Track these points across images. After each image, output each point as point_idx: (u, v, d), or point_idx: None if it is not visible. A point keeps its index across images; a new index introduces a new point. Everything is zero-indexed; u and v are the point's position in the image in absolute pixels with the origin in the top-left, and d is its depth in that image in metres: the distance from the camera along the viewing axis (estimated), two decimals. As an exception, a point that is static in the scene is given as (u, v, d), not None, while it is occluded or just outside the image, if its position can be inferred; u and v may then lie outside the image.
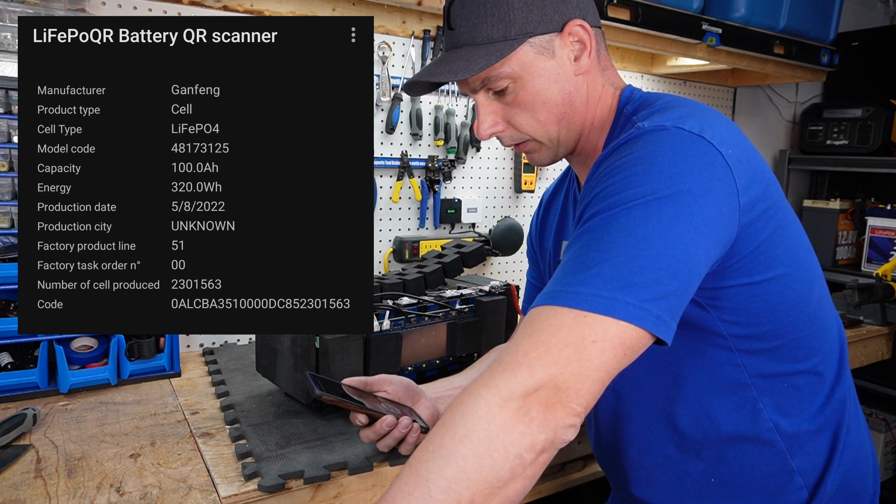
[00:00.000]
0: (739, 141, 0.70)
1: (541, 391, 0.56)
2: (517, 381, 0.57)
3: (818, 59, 2.12)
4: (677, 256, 0.61)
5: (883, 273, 1.97)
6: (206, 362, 1.35)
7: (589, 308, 0.58)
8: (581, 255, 0.63)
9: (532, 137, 0.83)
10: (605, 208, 0.65)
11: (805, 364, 0.77)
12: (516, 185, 1.93)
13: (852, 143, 2.48)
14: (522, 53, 0.77)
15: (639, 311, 0.59)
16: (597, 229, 0.64)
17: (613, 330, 0.58)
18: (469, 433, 0.56)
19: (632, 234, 0.61)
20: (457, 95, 1.77)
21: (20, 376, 1.12)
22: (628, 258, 0.60)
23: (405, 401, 0.93)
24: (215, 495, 0.84)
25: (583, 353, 0.57)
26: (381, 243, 1.73)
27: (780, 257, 0.73)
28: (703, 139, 0.66)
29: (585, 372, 0.57)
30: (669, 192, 0.63)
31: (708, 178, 0.65)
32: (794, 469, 0.77)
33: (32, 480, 0.86)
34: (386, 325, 1.10)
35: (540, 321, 0.60)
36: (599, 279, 0.60)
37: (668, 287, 0.60)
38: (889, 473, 2.31)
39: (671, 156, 0.65)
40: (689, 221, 0.62)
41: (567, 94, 0.80)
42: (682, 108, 0.73)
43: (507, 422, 0.56)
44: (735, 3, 1.82)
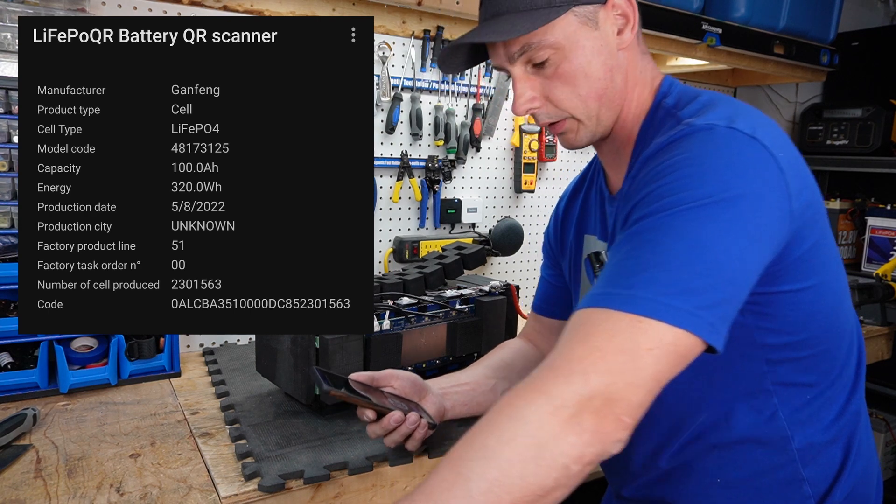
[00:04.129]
0: (788, 144, 0.69)
1: (594, 400, 0.54)
2: (571, 389, 0.55)
3: (818, 59, 2.12)
4: (732, 263, 0.60)
5: (883, 273, 1.97)
6: (206, 362, 1.35)
7: (644, 313, 0.56)
8: (633, 257, 0.61)
9: (571, 115, 0.79)
10: (657, 210, 0.62)
11: (828, 376, 0.76)
12: (516, 185, 1.93)
13: (852, 143, 2.47)
14: (566, 22, 0.74)
15: (694, 319, 0.57)
16: (650, 231, 0.62)
17: (669, 337, 0.56)
18: (516, 437, 0.54)
19: (687, 239, 0.59)
20: (457, 95, 1.77)
21: (20, 376, 1.12)
22: (683, 263, 0.58)
23: (412, 396, 0.92)
24: (215, 495, 0.84)
25: (638, 362, 0.56)
26: (381, 243, 1.73)
27: (820, 266, 0.72)
28: (756, 141, 0.65)
29: (639, 381, 0.56)
30: (725, 196, 0.61)
31: (762, 182, 0.63)
32: (804, 478, 0.75)
33: (32, 480, 0.86)
34: (386, 325, 1.10)
35: (593, 324, 0.58)
36: (654, 283, 0.58)
37: (722, 294, 0.59)
38: (889, 473, 2.31)
39: (725, 158, 0.64)
40: (743, 227, 0.61)
41: (609, 68, 0.76)
42: (730, 106, 0.71)
43: (558, 431, 0.54)
44: (735, 3, 1.82)
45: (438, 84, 1.74)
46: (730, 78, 2.45)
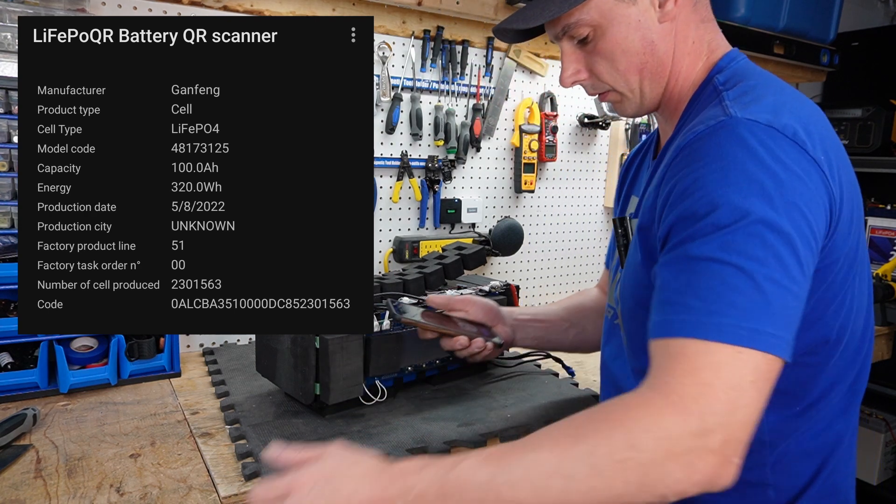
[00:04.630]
0: (831, 141, 0.68)
1: (710, 440, 0.54)
2: (688, 430, 0.54)
3: (818, 59, 2.12)
4: (789, 277, 0.59)
5: (883, 273, 1.97)
6: (206, 362, 1.35)
7: (742, 343, 0.56)
8: (710, 276, 0.59)
9: (613, 88, 0.80)
10: (713, 225, 0.61)
11: (817, 392, 0.74)
12: (516, 185, 1.93)
13: (852, 143, 2.47)
14: (601, 0, 0.75)
15: (778, 341, 0.57)
16: (713, 245, 0.60)
17: (764, 365, 0.57)
18: (626, 461, 0.54)
19: (759, 259, 0.58)
20: (457, 95, 1.77)
21: (20, 376, 1.12)
22: (749, 288, 0.58)
23: (485, 321, 1.02)
24: (215, 495, 0.84)
25: (744, 397, 0.56)
26: (381, 243, 1.73)
27: (857, 270, 0.72)
28: (797, 144, 0.63)
29: (747, 418, 0.56)
30: (779, 210, 0.60)
31: (807, 188, 0.62)
32: (769, 483, 0.74)
33: (32, 480, 0.86)
34: (386, 325, 1.10)
35: (696, 358, 0.57)
36: (736, 310, 0.57)
37: (792, 310, 0.59)
38: (889, 473, 2.31)
39: (770, 162, 0.62)
40: (800, 239, 0.60)
41: (649, 42, 0.76)
42: (780, 94, 0.69)
43: (669, 466, 0.54)
44: (735, 3, 1.82)
45: (438, 84, 1.74)
46: (730, 78, 2.45)
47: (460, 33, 1.73)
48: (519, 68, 1.87)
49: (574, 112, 2.03)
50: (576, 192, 2.09)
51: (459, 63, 1.74)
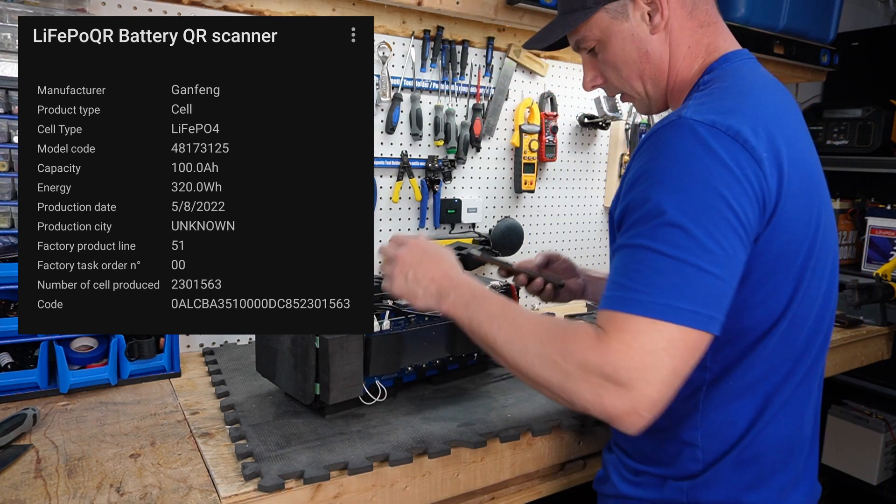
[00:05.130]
0: (780, 138, 0.74)
1: (621, 388, 0.66)
2: (604, 371, 0.67)
3: (818, 59, 2.12)
4: (720, 259, 0.68)
5: (883, 273, 1.97)
6: (206, 362, 1.35)
7: (656, 316, 0.67)
8: (636, 261, 0.70)
9: (623, 91, 0.94)
10: (647, 216, 0.71)
11: (752, 374, 0.80)
12: (516, 185, 1.93)
13: (852, 143, 2.47)
14: (598, 19, 0.88)
15: (694, 316, 0.67)
16: (646, 236, 0.70)
17: (678, 336, 0.67)
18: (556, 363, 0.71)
19: (679, 246, 0.68)
20: (457, 95, 1.77)
21: (20, 376, 1.12)
22: (670, 271, 0.68)
23: (562, 274, 1.25)
24: (215, 495, 0.84)
25: (656, 362, 0.66)
26: (382, 243, 1.73)
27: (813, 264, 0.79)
28: (738, 142, 0.71)
29: (659, 380, 0.66)
30: (706, 200, 0.69)
31: (739, 180, 0.70)
32: (698, 445, 0.82)
33: (32, 480, 0.86)
34: (386, 325, 1.10)
35: (622, 325, 0.68)
36: (655, 289, 0.68)
37: (713, 290, 0.68)
38: (889, 473, 2.31)
39: (702, 158, 0.70)
40: (727, 226, 0.69)
41: (644, 52, 0.87)
42: (736, 97, 0.77)
43: (581, 387, 0.69)
44: (735, 3, 1.82)
45: (438, 84, 1.74)
46: (730, 78, 2.45)
47: (460, 33, 1.73)
48: (519, 68, 1.87)
49: (574, 112, 2.03)
50: (576, 192, 2.09)
51: (459, 63, 1.74)
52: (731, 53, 0.86)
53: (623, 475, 0.91)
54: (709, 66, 0.86)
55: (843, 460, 2.35)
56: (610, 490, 0.93)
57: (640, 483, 0.88)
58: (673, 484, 0.84)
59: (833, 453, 2.38)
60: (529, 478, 1.14)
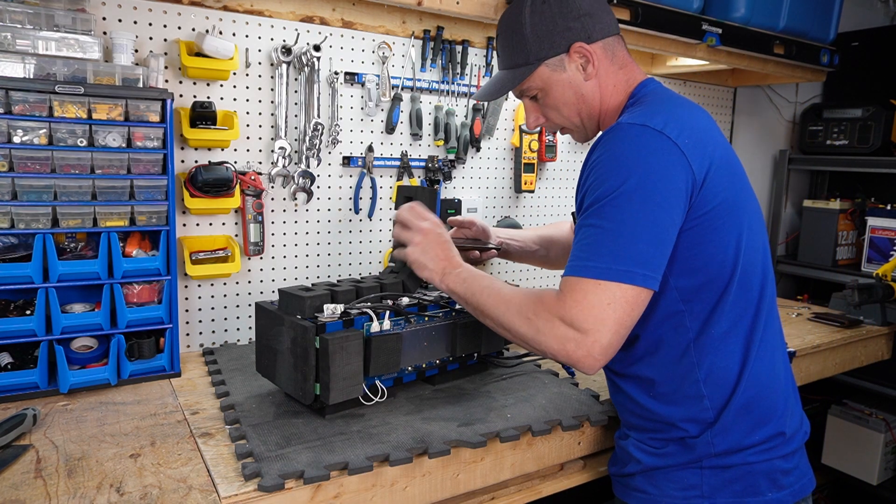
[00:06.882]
0: (692, 131, 0.93)
1: (579, 337, 0.86)
2: (563, 325, 0.87)
3: (818, 59, 2.12)
4: (652, 228, 0.87)
5: (883, 273, 1.97)
6: (206, 362, 1.35)
7: (598, 277, 0.86)
8: (588, 237, 0.89)
9: (563, 126, 1.13)
10: (597, 199, 0.90)
11: (725, 321, 0.95)
12: (516, 185, 1.92)
13: (852, 143, 2.47)
14: (540, 72, 1.06)
15: (631, 275, 0.85)
16: (595, 217, 0.90)
17: (619, 293, 0.86)
18: (531, 319, 0.91)
19: (617, 221, 0.87)
20: (457, 95, 1.77)
21: (20, 376, 1.12)
22: (620, 237, 0.87)
23: (480, 236, 1.42)
24: (215, 495, 0.84)
25: (603, 315, 0.85)
26: (382, 243, 1.73)
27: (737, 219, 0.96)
28: (663, 134, 0.90)
29: (608, 329, 0.85)
30: (638, 181, 0.88)
31: (666, 164, 0.89)
32: (704, 395, 0.96)
33: (32, 480, 0.86)
34: (386, 325, 1.10)
35: (575, 287, 0.87)
36: (598, 255, 0.87)
37: (650, 252, 0.87)
38: (889, 473, 2.31)
39: (636, 150, 0.90)
40: (655, 200, 0.88)
41: (580, 95, 1.06)
42: (656, 105, 0.98)
43: (549, 337, 0.88)
44: (735, 3, 1.82)
45: (438, 84, 1.74)
46: (730, 78, 2.45)
47: (460, 33, 1.73)
48: (519, 68, 1.87)
49: (574, 112, 2.03)
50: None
51: (459, 63, 1.74)
52: (646, 80, 1.07)
53: (646, 450, 1.02)
54: (631, 92, 1.06)
55: (843, 460, 2.35)
56: (635, 468, 1.03)
57: (666, 453, 1.00)
58: (693, 442, 0.97)
59: (833, 453, 2.38)
60: (529, 478, 1.14)
